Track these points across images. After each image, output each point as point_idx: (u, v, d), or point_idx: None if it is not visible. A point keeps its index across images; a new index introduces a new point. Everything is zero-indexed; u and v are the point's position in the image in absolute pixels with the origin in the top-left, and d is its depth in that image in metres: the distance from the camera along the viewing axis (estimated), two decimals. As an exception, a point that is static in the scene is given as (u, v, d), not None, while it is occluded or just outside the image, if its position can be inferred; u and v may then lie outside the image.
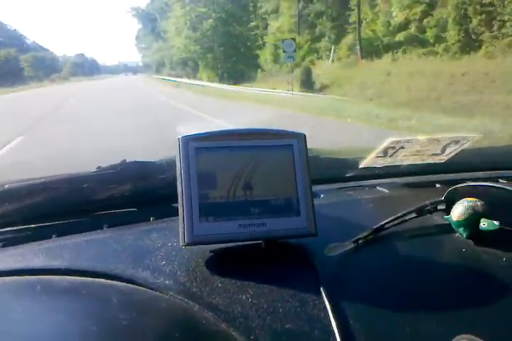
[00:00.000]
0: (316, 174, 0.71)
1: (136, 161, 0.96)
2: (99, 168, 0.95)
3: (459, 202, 0.72)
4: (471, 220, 0.69)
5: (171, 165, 0.86)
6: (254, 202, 0.67)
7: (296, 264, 0.65)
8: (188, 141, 0.66)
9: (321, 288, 0.57)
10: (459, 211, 0.71)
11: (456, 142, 0.89)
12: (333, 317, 0.52)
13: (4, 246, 0.75)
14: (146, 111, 12.85)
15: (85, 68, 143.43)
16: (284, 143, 0.69)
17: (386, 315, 0.55)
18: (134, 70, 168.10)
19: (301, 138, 0.70)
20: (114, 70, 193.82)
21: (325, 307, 0.54)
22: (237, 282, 0.59)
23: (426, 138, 0.87)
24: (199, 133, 0.67)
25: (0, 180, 0.98)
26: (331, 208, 0.86)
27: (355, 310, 0.54)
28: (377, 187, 1.02)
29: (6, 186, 0.89)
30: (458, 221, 0.71)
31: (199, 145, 0.66)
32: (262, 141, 0.69)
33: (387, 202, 0.95)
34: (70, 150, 5.84)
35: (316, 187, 0.71)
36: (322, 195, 0.95)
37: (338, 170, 1.09)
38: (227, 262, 0.66)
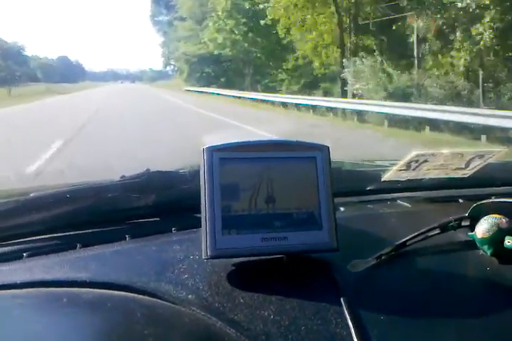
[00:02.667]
0: (337, 186, 0.70)
1: (159, 171, 0.97)
2: (122, 177, 0.95)
3: (484, 218, 0.71)
4: (495, 237, 0.68)
5: (193, 175, 0.87)
6: (277, 215, 0.66)
7: (318, 280, 0.65)
8: (212, 151, 0.66)
9: (344, 306, 0.57)
10: (483, 228, 0.70)
11: (481, 156, 0.88)
12: (356, 336, 0.52)
13: (30, 256, 0.75)
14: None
15: (69, 73, 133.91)
16: (307, 155, 0.69)
17: (409, 334, 0.54)
18: (132, 78, 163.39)
19: (325, 150, 0.70)
20: (102, 77, 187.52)
21: (347, 325, 0.54)
22: (259, 297, 0.59)
23: (450, 152, 0.86)
24: (224, 144, 0.67)
25: (25, 189, 1.00)
26: (351, 222, 0.85)
27: (378, 328, 0.54)
28: (399, 201, 1.01)
29: (32, 194, 0.91)
30: (482, 238, 0.70)
31: (223, 156, 0.66)
32: (286, 153, 0.69)
33: (409, 216, 0.94)
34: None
35: (336, 200, 0.70)
36: (342, 208, 0.94)
37: (358, 183, 1.09)
38: (249, 276, 0.66)
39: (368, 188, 1.06)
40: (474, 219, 0.73)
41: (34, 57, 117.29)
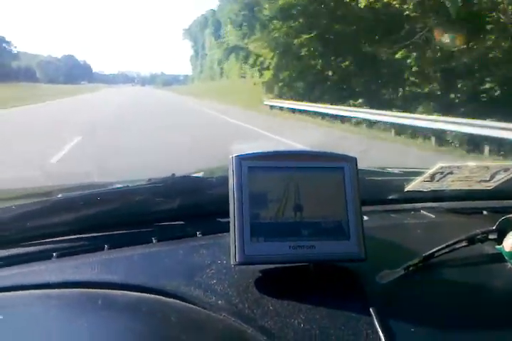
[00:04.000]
0: (361, 195, 0.71)
1: (185, 176, 0.98)
2: (149, 180, 0.97)
3: None
4: None
5: (219, 181, 0.88)
6: (304, 224, 0.67)
7: (346, 289, 0.65)
8: (241, 160, 0.67)
9: (374, 317, 0.57)
10: (511, 241, 0.70)
11: (506, 170, 0.88)
12: None
13: (59, 256, 0.77)
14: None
15: (75, 73, 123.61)
16: (335, 166, 0.70)
17: None
18: (143, 81, 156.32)
19: (353, 161, 0.71)
20: (111, 79, 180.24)
21: (379, 337, 0.54)
22: (288, 305, 0.60)
23: (475, 165, 0.86)
24: (252, 153, 0.68)
25: (54, 188, 1.01)
26: (376, 231, 0.85)
27: (408, 339, 0.54)
28: (423, 211, 1.01)
29: (60, 195, 0.92)
30: (511, 251, 0.70)
31: (252, 165, 0.67)
32: (314, 163, 0.69)
33: (434, 227, 0.94)
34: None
35: None
36: (366, 217, 0.94)
37: (382, 192, 1.09)
38: (276, 283, 0.66)
39: (391, 197, 1.06)
40: (501, 233, 0.73)
41: (30, 55, 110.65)
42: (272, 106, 21.17)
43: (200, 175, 1.06)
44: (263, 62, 24.39)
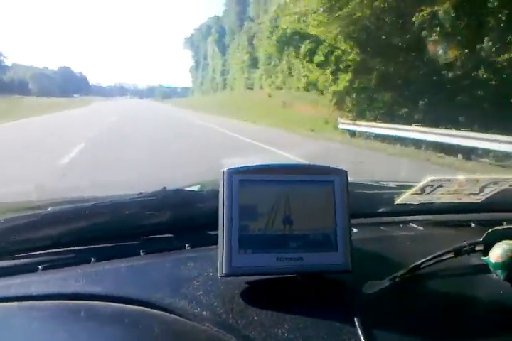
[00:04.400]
0: (351, 208, 0.71)
1: (176, 189, 0.99)
2: (140, 193, 0.97)
3: (498, 244, 0.72)
4: (509, 262, 0.69)
5: (210, 194, 0.88)
6: (293, 236, 0.67)
7: (332, 300, 0.65)
8: (232, 173, 0.68)
9: (358, 327, 0.57)
10: (497, 253, 0.71)
11: (495, 183, 0.88)
12: None
13: (44, 269, 0.76)
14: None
15: (70, 86, 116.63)
16: (325, 179, 0.71)
17: None
18: (140, 94, 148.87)
19: (343, 174, 0.71)
20: (108, 92, 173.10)
21: None
22: (273, 315, 0.60)
23: (465, 178, 0.87)
24: (243, 167, 0.69)
25: (43, 202, 1.01)
26: (365, 243, 0.86)
27: None
28: (412, 224, 1.02)
29: (49, 209, 0.92)
30: (496, 263, 0.70)
31: (243, 178, 0.68)
32: (305, 176, 0.70)
33: (423, 239, 0.95)
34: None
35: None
36: (355, 230, 0.95)
37: (372, 205, 1.09)
38: (263, 294, 0.66)
39: (381, 210, 1.07)
40: (488, 244, 0.74)
41: (24, 67, 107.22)
42: (352, 132, 13.52)
43: (191, 188, 1.06)
44: (339, 58, 15.12)
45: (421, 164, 8.88)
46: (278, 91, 33.84)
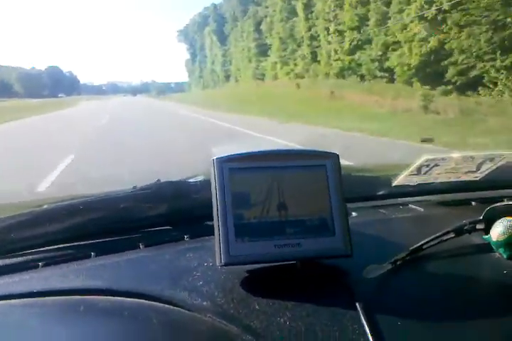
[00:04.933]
0: (348, 192, 0.71)
1: (170, 181, 0.98)
2: (134, 187, 0.96)
3: (499, 221, 0.71)
4: (511, 240, 0.68)
5: (203, 185, 0.88)
6: (289, 222, 0.67)
7: (333, 285, 0.65)
8: (222, 162, 0.67)
9: (360, 312, 0.56)
10: (498, 230, 0.70)
11: (491, 159, 0.88)
12: None
13: (45, 265, 0.76)
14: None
15: (59, 86, 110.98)
16: (317, 163, 0.70)
17: (426, 338, 0.54)
18: (134, 91, 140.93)
19: (335, 158, 0.71)
20: (101, 91, 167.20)
21: (364, 331, 0.53)
22: (274, 303, 0.59)
23: (460, 156, 0.86)
24: (233, 155, 0.68)
25: (38, 201, 1.00)
26: (364, 227, 0.85)
27: (396, 334, 0.54)
28: (411, 205, 1.01)
29: (45, 206, 0.92)
30: (498, 241, 0.69)
31: (233, 166, 0.67)
32: (296, 161, 0.69)
33: (422, 220, 0.94)
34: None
35: (348, 205, 0.71)
36: (354, 214, 0.94)
37: (370, 188, 1.09)
38: (263, 282, 0.66)
39: (380, 193, 1.06)
40: (489, 222, 0.73)
41: (8, 68, 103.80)
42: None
43: (185, 180, 1.05)
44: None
45: None
46: (299, 80, 29.14)
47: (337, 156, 0.71)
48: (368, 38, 19.91)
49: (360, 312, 0.56)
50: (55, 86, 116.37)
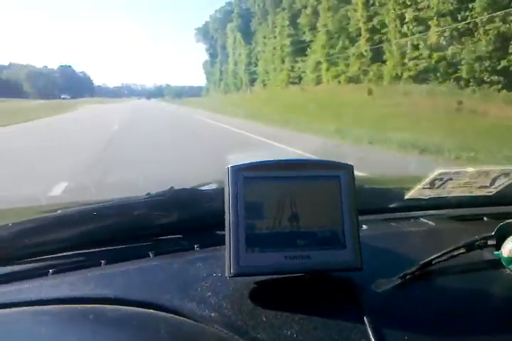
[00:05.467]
0: (360, 204, 0.70)
1: (184, 189, 0.98)
2: (148, 194, 0.97)
3: (511, 237, 0.70)
4: None
5: (217, 193, 0.88)
6: (300, 234, 0.66)
7: (341, 299, 0.65)
8: (237, 170, 0.67)
9: (368, 326, 0.56)
10: (510, 247, 0.69)
11: (506, 175, 0.87)
12: None
13: (55, 273, 0.77)
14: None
15: (72, 86, 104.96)
16: (331, 174, 0.69)
17: None
18: (148, 94, 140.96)
19: (349, 169, 0.70)
20: (115, 93, 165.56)
21: None
22: (282, 316, 0.59)
23: (475, 171, 0.85)
24: (248, 163, 0.68)
25: (52, 206, 1.01)
26: (375, 240, 0.85)
27: None
28: (423, 219, 1.00)
29: (58, 212, 0.92)
30: (509, 257, 0.69)
31: (248, 175, 0.67)
32: (310, 172, 0.69)
33: (434, 235, 0.93)
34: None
35: (359, 218, 0.70)
36: (365, 226, 0.94)
37: (382, 201, 1.08)
38: (272, 294, 0.66)
39: (391, 206, 1.05)
40: (500, 238, 0.72)
41: (18, 66, 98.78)
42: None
43: (198, 187, 1.05)
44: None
45: None
46: (351, 85, 22.86)
47: (351, 167, 0.70)
48: (467, 27, 13.82)
49: (367, 326, 0.56)
50: (67, 87, 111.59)
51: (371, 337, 0.54)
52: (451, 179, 0.87)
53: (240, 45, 51.08)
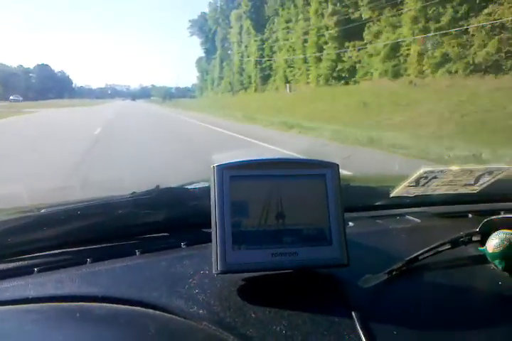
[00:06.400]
0: (346, 202, 0.71)
1: (169, 188, 0.98)
2: (133, 193, 0.96)
3: (495, 233, 0.71)
4: (507, 252, 0.69)
5: (202, 192, 0.88)
6: (287, 231, 0.67)
7: (329, 294, 0.65)
8: (222, 169, 0.67)
9: (356, 321, 0.57)
10: (494, 243, 0.70)
11: (490, 173, 0.88)
12: None
13: (40, 271, 0.76)
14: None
15: (49, 87, 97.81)
16: (317, 173, 0.70)
17: None
18: (133, 95, 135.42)
19: (335, 168, 0.71)
20: (98, 94, 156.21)
21: (360, 340, 0.54)
22: (270, 312, 0.59)
23: (459, 169, 0.86)
24: (233, 162, 0.68)
25: (36, 205, 1.00)
26: (361, 237, 0.85)
27: None
28: (408, 216, 1.01)
29: (43, 211, 0.91)
30: (494, 252, 0.70)
31: (233, 174, 0.67)
32: (296, 170, 0.69)
33: (419, 232, 0.94)
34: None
35: (345, 215, 0.71)
36: (351, 223, 0.95)
37: (367, 199, 1.09)
38: (259, 291, 0.66)
39: (377, 203, 1.06)
40: (485, 234, 0.74)
41: None
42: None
43: (184, 186, 1.05)
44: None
45: None
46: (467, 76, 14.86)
47: (337, 166, 0.71)
48: None
49: (356, 321, 0.57)
50: (42, 88, 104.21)
51: (359, 331, 0.55)
52: (435, 177, 0.87)
53: (250, 34, 41.28)
